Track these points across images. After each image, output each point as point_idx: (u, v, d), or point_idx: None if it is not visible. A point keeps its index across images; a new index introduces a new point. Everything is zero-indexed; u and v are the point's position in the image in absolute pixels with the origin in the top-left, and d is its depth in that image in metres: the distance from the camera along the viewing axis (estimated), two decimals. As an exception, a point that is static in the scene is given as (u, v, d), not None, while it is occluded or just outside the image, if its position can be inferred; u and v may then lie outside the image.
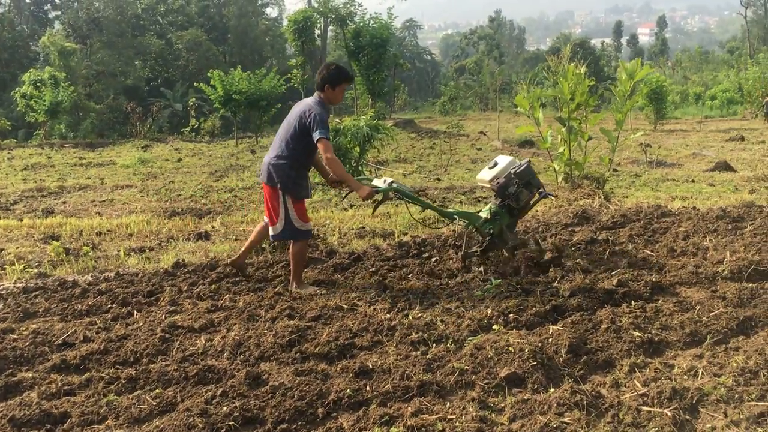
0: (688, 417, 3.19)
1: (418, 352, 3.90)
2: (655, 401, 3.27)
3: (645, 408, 3.23)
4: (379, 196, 5.32)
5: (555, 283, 4.93)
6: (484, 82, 41.74)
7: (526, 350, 3.72)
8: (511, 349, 3.78)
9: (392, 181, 5.35)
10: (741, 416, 3.11)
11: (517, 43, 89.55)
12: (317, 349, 3.98)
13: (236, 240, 6.94)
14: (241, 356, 3.97)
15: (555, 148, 7.61)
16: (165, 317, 4.63)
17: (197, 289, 5.23)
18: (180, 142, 23.86)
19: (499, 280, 4.96)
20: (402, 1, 63.47)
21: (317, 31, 34.47)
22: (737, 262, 5.05)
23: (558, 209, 6.82)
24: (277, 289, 5.13)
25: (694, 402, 3.27)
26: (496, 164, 5.65)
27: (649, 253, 5.62)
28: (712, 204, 8.03)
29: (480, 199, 9.69)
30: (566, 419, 3.15)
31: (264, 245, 6.28)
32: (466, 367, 3.65)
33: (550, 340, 3.93)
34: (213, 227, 7.73)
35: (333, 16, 27.80)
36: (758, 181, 12.12)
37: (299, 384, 3.49)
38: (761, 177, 12.43)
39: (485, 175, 5.70)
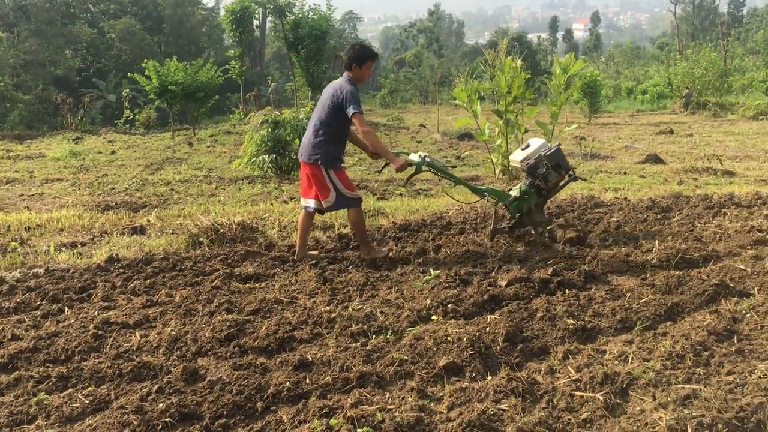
0: (618, 400, 3.29)
1: (358, 344, 3.91)
2: (588, 386, 3.37)
3: (578, 393, 3.32)
4: (412, 169, 5.70)
5: (492, 274, 5.02)
6: (423, 75, 42.00)
7: (464, 340, 3.78)
8: (449, 338, 3.83)
9: (426, 156, 5.69)
10: (668, 399, 3.23)
11: (456, 37, 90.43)
12: (256, 342, 3.95)
13: (173, 234, 6.79)
14: (178, 352, 3.90)
15: (493, 141, 7.71)
16: (98, 313, 4.51)
17: (132, 285, 5.11)
18: (114, 134, 23.20)
19: (438, 271, 5.01)
20: (341, -8, 63.28)
21: (255, 22, 34.05)
22: (665, 250, 5.24)
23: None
24: (215, 283, 5.05)
25: (624, 386, 3.38)
26: (528, 146, 5.97)
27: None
28: (643, 195, 8.29)
29: (420, 191, 9.76)
30: (503, 406, 3.21)
31: (201, 239, 6.18)
32: (406, 357, 3.68)
33: (487, 329, 4.00)
34: (149, 221, 7.56)
35: (271, 6, 27.43)
36: (686, 172, 12.59)
37: (237, 378, 3.45)
38: (689, 169, 12.91)
39: (517, 156, 6.00)
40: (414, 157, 5.70)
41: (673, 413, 3.08)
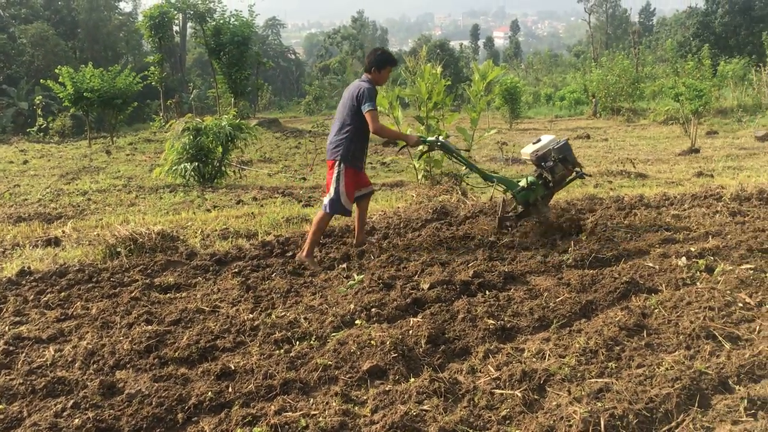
0: (536, 396, 3.40)
1: (282, 351, 3.90)
2: (507, 384, 3.46)
3: (498, 391, 3.41)
4: (425, 148, 6.26)
5: (415, 277, 5.08)
6: (348, 81, 42.06)
7: (388, 343, 3.81)
8: (373, 342, 3.86)
9: (438, 137, 6.13)
10: (583, 393, 3.35)
11: (381, 44, 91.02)
12: (177, 353, 3.88)
13: (89, 245, 6.58)
14: (95, 365, 3.79)
15: (415, 147, 7.81)
16: (9, 329, 4.33)
17: (45, 298, 4.92)
18: (26, 143, 22.28)
19: (362, 276, 5.04)
20: (264, -2, 62.72)
21: (176, 28, 33.35)
22: (580, 251, 5.43)
23: (419, 205, 7.03)
24: (133, 294, 4.92)
25: (541, 382, 3.49)
26: (539, 140, 6.35)
27: (504, 243, 5.91)
28: (561, 198, 8.55)
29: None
30: (425, 407, 3.26)
31: (119, 249, 6.02)
32: (330, 362, 3.69)
33: (410, 332, 4.05)
34: (64, 232, 7.29)
35: (191, 12, 26.96)
36: (602, 175, 13.07)
37: (158, 390, 3.38)
38: (604, 172, 13.40)
39: (528, 149, 6.36)
40: (432, 139, 6.14)
41: (587, 407, 3.20)
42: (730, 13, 42.96)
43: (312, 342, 4.02)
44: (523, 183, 6.27)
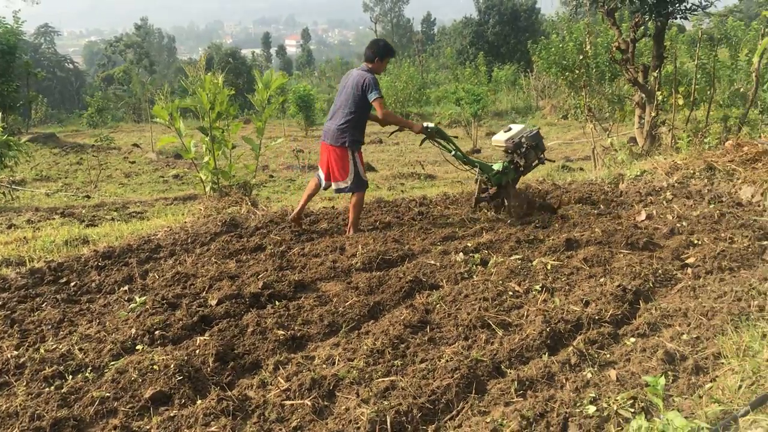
0: (326, 403, 3.42)
1: (53, 388, 3.55)
2: (297, 394, 3.45)
3: (288, 402, 3.39)
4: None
5: (203, 293, 4.90)
6: (135, 92, 39.90)
7: (172, 366, 3.63)
8: (156, 367, 3.66)
9: (432, 124, 6.75)
10: (370, 393, 3.42)
11: (169, 52, 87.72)
12: (-77, 405, 3.39)
13: None
14: None
15: (201, 158, 7.57)
16: None
17: None
18: None
19: (144, 298, 4.76)
20: (32, 4, 57.73)
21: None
22: (368, 254, 5.57)
23: (207, 218, 6.80)
24: None
25: (331, 388, 3.52)
26: (510, 129, 7.10)
27: (294, 252, 5.90)
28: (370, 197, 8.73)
29: (134, 214, 9.25)
30: (213, 428, 3.16)
31: None
32: (107, 394, 3.44)
33: (197, 351, 3.90)
34: None
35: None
36: (395, 178, 13.61)
37: None
38: (397, 175, 13.98)
39: (501, 137, 7.08)
40: (430, 125, 6.71)
41: (374, 406, 3.28)
42: (500, 23, 46.75)
43: (88, 374, 3.71)
44: (497, 167, 6.97)
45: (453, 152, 6.95)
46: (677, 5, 11.45)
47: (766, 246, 5.49)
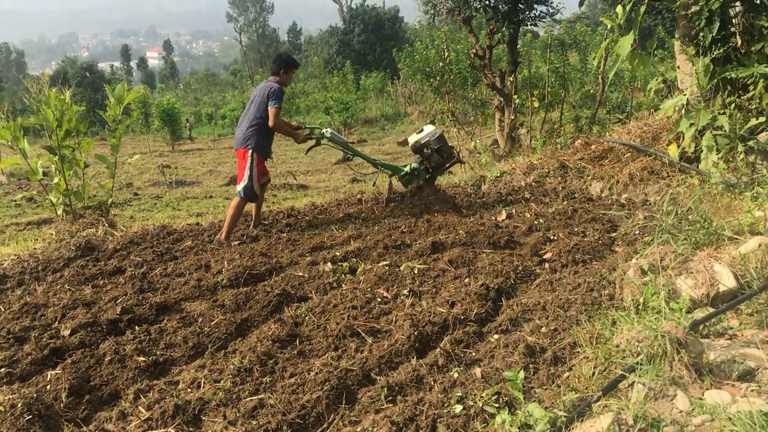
0: (191, 429, 3.28)
1: None
2: (160, 422, 3.29)
3: (150, 432, 3.22)
4: (312, 143, 7.10)
5: (55, 324, 4.58)
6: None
7: (20, 405, 3.35)
8: (1, 408, 3.37)
9: (329, 130, 7.00)
10: (238, 414, 3.32)
11: (18, 67, 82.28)
12: None
13: None
14: None
15: (51, 179, 7.10)
16: None
17: None
18: None
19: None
20: None
21: None
22: (234, 269, 5.41)
23: (59, 243, 6.36)
24: None
25: (196, 412, 3.37)
26: (422, 130, 7.41)
27: (156, 273, 5.64)
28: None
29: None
30: (66, 469, 2.94)
31: None
32: (-56, 445, 3.13)
33: (48, 387, 3.63)
34: None
35: None
36: (268, 190, 13.35)
37: None
38: (269, 186, 13.72)
39: (412, 138, 7.40)
40: (322, 132, 6.96)
41: (242, 427, 3.18)
42: (366, 31, 47.43)
43: None
44: (407, 168, 7.35)
45: (352, 156, 7.30)
46: (527, 13, 12.06)
47: (614, 237, 5.85)
